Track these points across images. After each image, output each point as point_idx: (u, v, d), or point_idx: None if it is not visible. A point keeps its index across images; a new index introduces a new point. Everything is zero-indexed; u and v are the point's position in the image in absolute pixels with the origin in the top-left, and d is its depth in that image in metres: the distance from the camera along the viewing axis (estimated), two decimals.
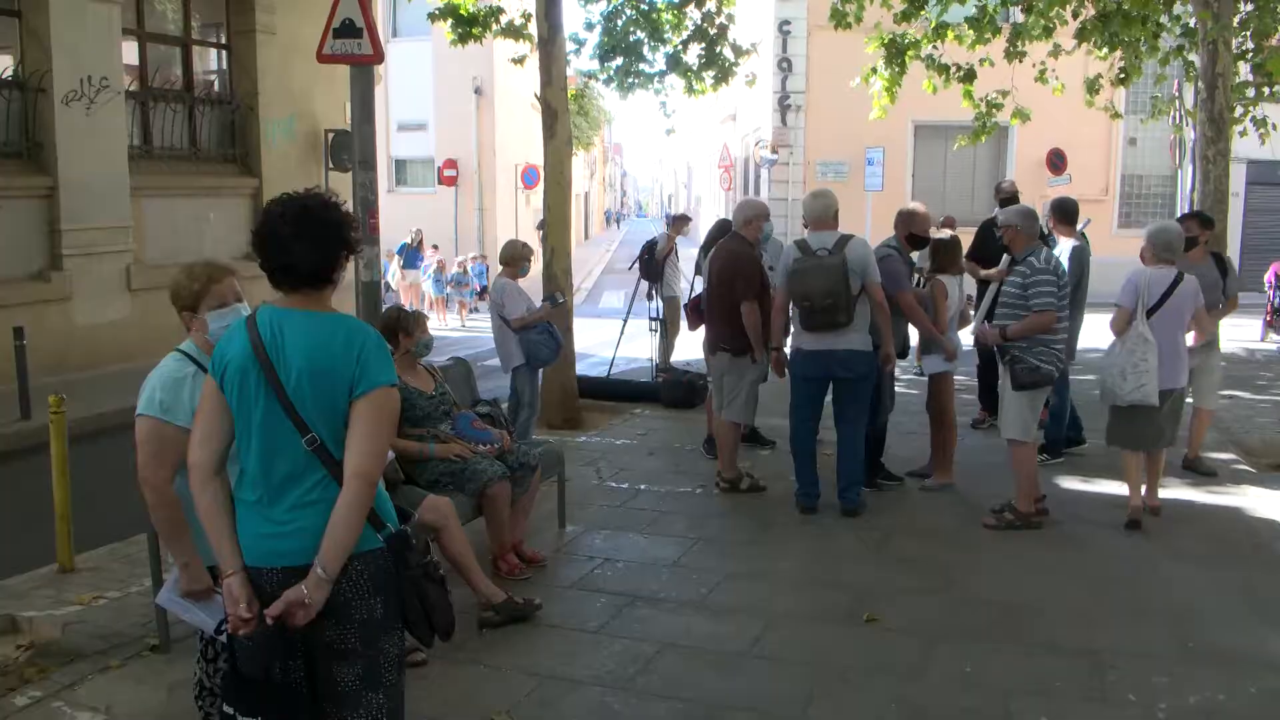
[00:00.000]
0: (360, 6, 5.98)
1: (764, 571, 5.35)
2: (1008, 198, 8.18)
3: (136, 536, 5.18)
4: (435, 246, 21.63)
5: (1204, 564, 5.40)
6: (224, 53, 11.83)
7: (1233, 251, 16.21)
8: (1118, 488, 6.68)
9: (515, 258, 7.38)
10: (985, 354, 7.47)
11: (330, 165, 11.56)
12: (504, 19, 11.19)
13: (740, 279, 6.45)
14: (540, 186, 9.97)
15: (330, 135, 10.99)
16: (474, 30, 10.97)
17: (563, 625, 4.62)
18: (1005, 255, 6.75)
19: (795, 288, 6.00)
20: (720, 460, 6.88)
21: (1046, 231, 7.22)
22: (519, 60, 11.79)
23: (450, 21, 10.92)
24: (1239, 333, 13.76)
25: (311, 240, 2.51)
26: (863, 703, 3.91)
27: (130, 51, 12.06)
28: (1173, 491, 6.69)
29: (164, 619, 4.22)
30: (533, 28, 9.84)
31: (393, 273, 18.78)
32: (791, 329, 6.34)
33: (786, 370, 6.35)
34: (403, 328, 5.06)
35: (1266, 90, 14.27)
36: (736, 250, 6.60)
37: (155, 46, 12.49)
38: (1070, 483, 6.83)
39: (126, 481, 3.37)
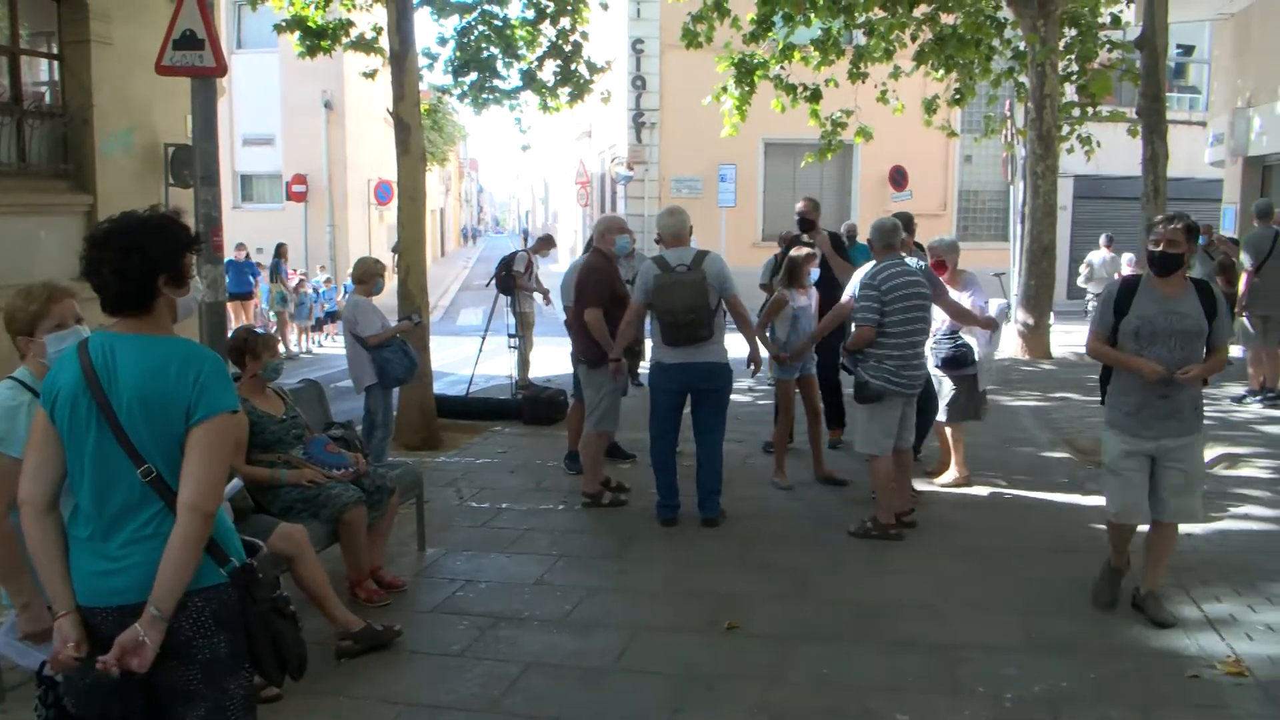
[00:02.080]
0: (202, 17, 5.76)
1: (627, 585, 5.37)
2: (800, 217, 8.30)
3: None
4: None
5: (1046, 559, 5.69)
6: (55, 63, 11.22)
7: (1061, 261, 17.22)
8: (966, 489, 7.01)
9: (368, 274, 7.24)
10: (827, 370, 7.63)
11: (171, 181, 11.06)
12: (354, 32, 10.99)
13: (587, 288, 6.52)
14: (394, 203, 9.81)
15: (171, 150, 10.53)
16: (323, 43, 10.74)
17: (425, 651, 4.53)
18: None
19: (658, 303, 6.08)
20: (584, 472, 6.89)
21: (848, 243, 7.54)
22: (370, 74, 11.59)
23: (298, 34, 10.67)
24: (1070, 339, 14.57)
25: (115, 263, 2.39)
26: (726, 710, 3.97)
27: None
28: (1017, 489, 7.07)
29: None
30: (384, 41, 9.68)
31: (274, 294, 17.94)
32: (649, 343, 6.44)
33: (644, 384, 6.43)
34: (250, 350, 4.89)
35: (1090, 110, 15.22)
36: (590, 263, 6.71)
37: None
38: (918, 484, 7.08)
39: None
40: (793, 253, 7.14)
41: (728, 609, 4.93)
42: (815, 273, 7.18)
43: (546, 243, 12.84)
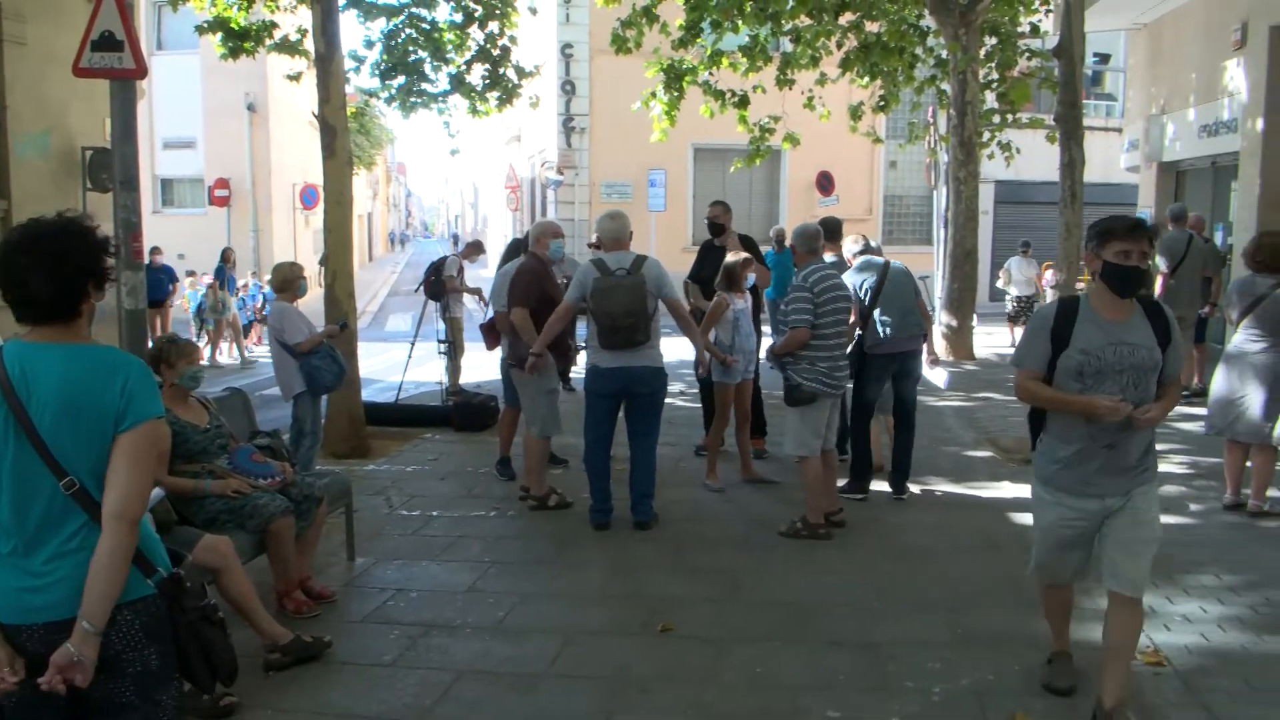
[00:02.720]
0: (121, 18, 5.62)
1: (560, 590, 5.36)
2: (710, 221, 8.37)
3: None
4: (191, 273, 20.30)
5: (972, 555, 5.82)
6: None
7: (983, 264, 17.63)
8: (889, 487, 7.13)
9: (288, 280, 7.12)
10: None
11: (89, 185, 10.77)
12: (278, 34, 10.83)
13: (516, 289, 6.54)
14: (320, 207, 9.68)
15: (89, 153, 10.24)
16: (246, 45, 10.56)
17: (355, 661, 4.47)
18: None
19: (596, 307, 6.08)
20: (528, 477, 6.89)
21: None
22: (295, 77, 11.42)
23: (220, 35, 10.48)
24: (992, 340, 14.91)
25: (47, 270, 2.33)
26: (660, 712, 3.99)
27: None
28: (943, 487, 7.22)
29: None
30: (309, 43, 9.56)
31: (210, 301, 17.37)
32: (583, 346, 6.46)
33: (575, 388, 6.43)
34: (165, 358, 4.78)
35: (1010, 117, 15.58)
36: (525, 266, 6.72)
37: None
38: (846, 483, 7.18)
39: None
40: (729, 258, 7.21)
41: (661, 611, 4.95)
42: (750, 277, 7.27)
43: (475, 248, 12.78)
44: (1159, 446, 8.06)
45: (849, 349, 6.48)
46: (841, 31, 13.44)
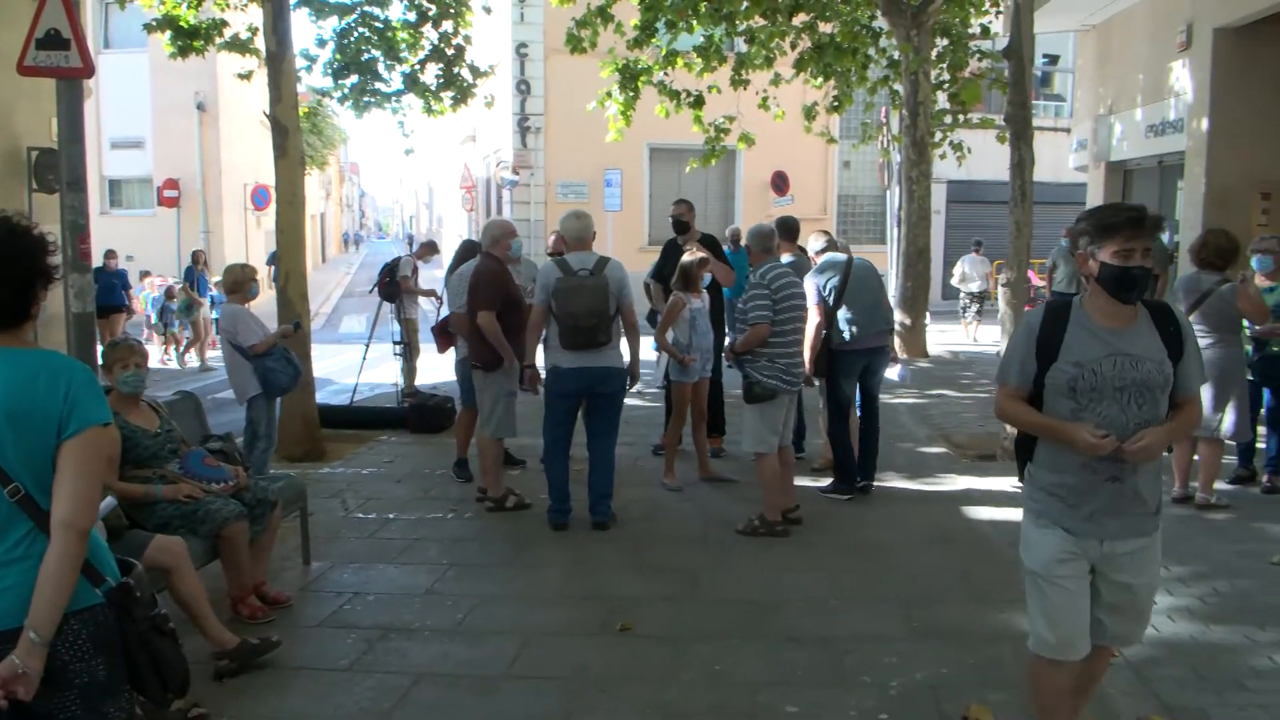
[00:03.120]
0: (67, 15, 5.51)
1: (519, 592, 5.35)
2: (674, 220, 8.41)
3: None
4: (147, 274, 20.01)
5: (927, 551, 5.89)
6: None
7: (936, 263, 17.84)
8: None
9: (239, 282, 7.03)
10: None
11: (35, 186, 10.55)
12: (228, 32, 10.69)
13: (480, 291, 6.49)
14: (272, 208, 9.57)
15: (34, 154, 10.04)
16: (195, 43, 10.42)
17: (311, 666, 4.43)
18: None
19: (558, 306, 6.07)
20: (485, 479, 6.85)
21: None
22: (246, 75, 11.28)
23: (169, 33, 10.32)
24: (945, 337, 15.09)
25: (2, 276, 2.29)
26: (619, 711, 3.99)
27: None
28: (898, 483, 7.29)
29: None
30: (260, 42, 9.44)
31: (178, 303, 17.05)
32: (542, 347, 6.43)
33: (541, 387, 6.41)
34: (104, 362, 4.70)
35: (961, 117, 15.76)
36: (484, 267, 6.65)
37: None
38: (804, 480, 7.23)
39: None
40: (685, 258, 7.22)
41: (620, 611, 4.96)
42: (707, 277, 7.30)
43: (430, 248, 12.70)
44: None
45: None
46: (795, 32, 13.53)
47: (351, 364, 11.75)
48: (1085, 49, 16.92)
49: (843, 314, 6.76)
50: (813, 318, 6.68)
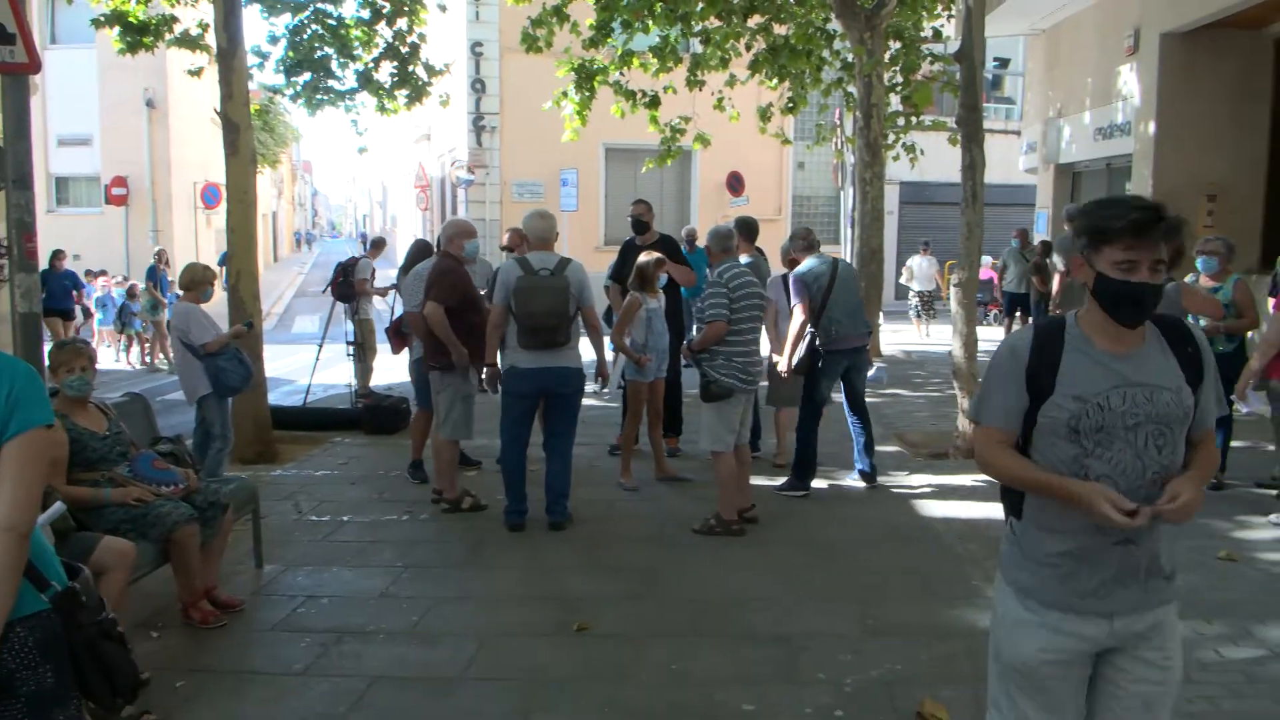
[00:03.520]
0: (13, 10, 5.40)
1: (475, 593, 5.32)
2: (633, 219, 8.43)
3: None
4: (103, 272, 19.73)
5: (881, 548, 5.95)
6: None
7: (889, 263, 18.00)
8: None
9: (196, 281, 6.94)
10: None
11: None
12: (178, 28, 10.53)
13: (434, 287, 6.46)
14: (223, 206, 9.44)
15: None
16: (145, 39, 10.25)
17: (265, 671, 4.37)
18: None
19: (518, 305, 6.05)
20: (440, 481, 6.80)
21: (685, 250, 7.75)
22: (196, 72, 11.12)
23: (118, 29, 10.14)
24: (897, 337, 15.24)
25: None
26: (577, 710, 3.99)
27: None
28: (853, 482, 7.35)
29: None
30: (211, 38, 9.32)
31: (142, 303, 16.71)
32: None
33: (500, 387, 6.39)
34: (50, 364, 4.61)
35: (914, 119, 15.94)
36: (442, 265, 6.62)
37: None
38: (759, 479, 7.27)
39: None
40: (641, 258, 7.23)
41: (577, 611, 4.95)
42: (663, 277, 7.31)
43: (379, 245, 12.60)
44: None
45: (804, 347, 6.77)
46: (750, 34, 13.58)
47: (304, 365, 11.62)
48: (1035, 53, 17.20)
49: (829, 314, 6.85)
50: (798, 315, 6.79)
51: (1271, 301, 6.19)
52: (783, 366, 6.93)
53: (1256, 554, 5.70)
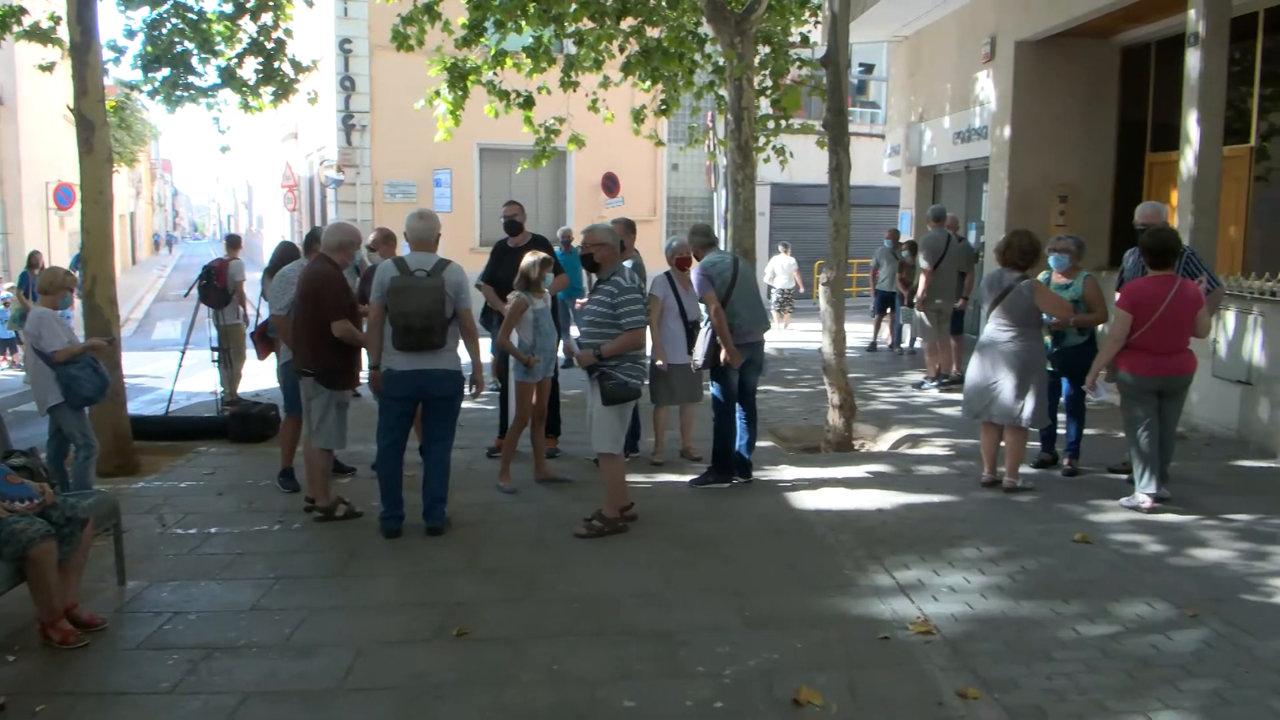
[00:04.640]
0: None
1: (351, 602, 5.23)
2: (507, 220, 8.42)
3: None
4: None
5: (755, 541, 6.07)
6: None
7: (760, 263, 18.31)
8: (685, 478, 7.34)
9: (55, 286, 6.63)
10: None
11: None
12: (27, 20, 10.00)
13: (326, 298, 6.30)
14: (76, 207, 9.01)
15: None
16: None
17: (131, 691, 4.21)
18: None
19: (392, 306, 5.95)
20: (312, 489, 6.64)
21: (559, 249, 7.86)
22: (48, 67, 10.57)
23: None
24: (768, 334, 15.50)
25: None
26: (459, 716, 3.96)
27: None
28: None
29: None
30: (63, 31, 8.89)
31: (11, 313, 15.60)
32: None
33: (362, 394, 6.28)
34: None
35: (783, 122, 16.29)
36: (324, 271, 6.42)
37: None
38: (636, 477, 7.33)
39: None
40: (527, 259, 7.20)
41: (456, 616, 4.92)
42: (549, 277, 7.32)
43: (234, 244, 12.18)
44: (920, 431, 8.65)
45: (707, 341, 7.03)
46: (623, 36, 13.65)
47: (166, 371, 11.18)
48: (898, 59, 17.78)
49: (732, 307, 7.01)
50: (714, 305, 6.93)
51: (1118, 296, 6.56)
52: (726, 356, 7.01)
53: (1110, 536, 6.02)
